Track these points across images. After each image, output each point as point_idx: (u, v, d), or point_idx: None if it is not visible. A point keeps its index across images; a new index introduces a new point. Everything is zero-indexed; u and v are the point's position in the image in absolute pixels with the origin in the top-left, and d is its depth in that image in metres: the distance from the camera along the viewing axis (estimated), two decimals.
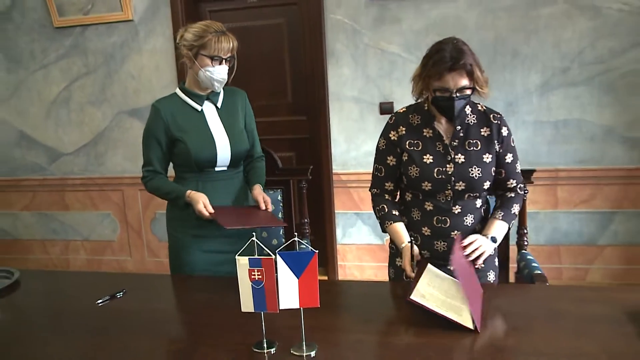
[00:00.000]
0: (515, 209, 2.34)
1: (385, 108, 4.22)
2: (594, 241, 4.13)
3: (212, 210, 2.43)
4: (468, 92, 2.17)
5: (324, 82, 4.31)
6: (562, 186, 4.09)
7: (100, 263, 5.14)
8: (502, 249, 2.71)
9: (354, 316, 2.02)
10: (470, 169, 2.26)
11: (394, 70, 4.17)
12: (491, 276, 2.43)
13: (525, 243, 2.79)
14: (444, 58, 2.12)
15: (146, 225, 4.95)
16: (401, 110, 2.42)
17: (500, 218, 2.29)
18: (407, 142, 2.34)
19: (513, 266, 2.78)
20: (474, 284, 2.07)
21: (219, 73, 2.49)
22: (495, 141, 2.29)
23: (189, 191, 2.48)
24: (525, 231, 2.79)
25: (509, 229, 2.36)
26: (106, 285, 2.36)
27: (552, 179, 4.04)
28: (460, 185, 2.27)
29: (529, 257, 2.70)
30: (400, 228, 2.35)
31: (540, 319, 1.86)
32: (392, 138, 2.38)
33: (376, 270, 4.48)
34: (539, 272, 2.51)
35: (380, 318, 1.97)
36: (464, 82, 2.14)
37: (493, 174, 2.30)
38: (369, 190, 2.53)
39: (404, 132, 2.36)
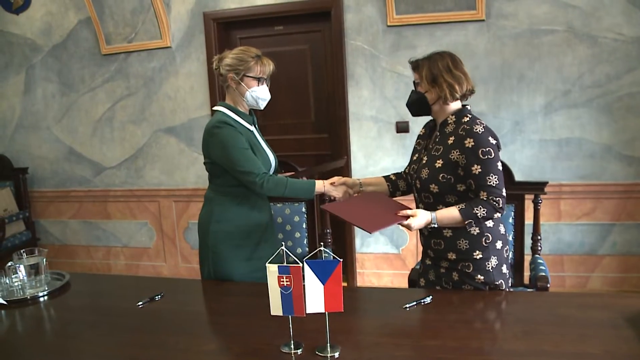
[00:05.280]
0: (480, 211, 2.11)
1: (401, 127, 4.22)
2: (594, 251, 4.08)
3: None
4: (419, 88, 2.30)
5: (344, 102, 4.32)
6: (565, 200, 4.04)
7: (138, 268, 5.18)
8: (518, 255, 2.73)
9: (373, 320, 2.03)
10: (423, 169, 2.26)
11: (410, 92, 4.13)
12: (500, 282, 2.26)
13: (539, 248, 2.78)
14: None
15: (180, 233, 4.98)
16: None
17: (458, 208, 2.13)
18: (418, 142, 2.48)
19: (527, 275, 2.77)
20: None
21: (263, 92, 2.53)
22: (454, 151, 2.16)
23: (319, 181, 2.54)
24: (539, 237, 2.79)
25: (466, 225, 2.15)
26: (145, 289, 2.37)
27: (556, 193, 3.99)
28: (417, 183, 2.29)
29: (539, 260, 2.71)
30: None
31: (547, 323, 1.84)
32: (419, 134, 2.50)
33: (392, 278, 4.45)
34: (543, 274, 2.51)
35: (397, 322, 1.96)
36: (415, 76, 2.32)
37: (443, 181, 2.18)
38: None
39: (421, 133, 2.48)
